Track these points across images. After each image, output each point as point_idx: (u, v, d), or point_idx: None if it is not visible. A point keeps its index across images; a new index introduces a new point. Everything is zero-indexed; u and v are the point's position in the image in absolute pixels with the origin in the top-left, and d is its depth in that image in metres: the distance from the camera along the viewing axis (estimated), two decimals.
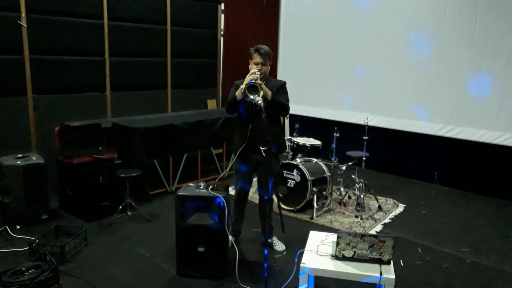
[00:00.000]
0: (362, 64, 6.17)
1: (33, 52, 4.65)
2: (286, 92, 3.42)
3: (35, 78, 4.70)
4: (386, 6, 5.84)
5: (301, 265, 2.50)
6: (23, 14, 4.51)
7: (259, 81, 3.03)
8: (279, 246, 3.67)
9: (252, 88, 2.98)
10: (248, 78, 3.09)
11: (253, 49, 3.30)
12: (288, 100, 3.38)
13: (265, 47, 3.28)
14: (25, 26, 4.53)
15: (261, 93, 2.95)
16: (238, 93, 3.17)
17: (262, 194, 3.58)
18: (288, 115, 7.22)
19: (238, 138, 3.35)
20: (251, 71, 3.17)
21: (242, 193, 3.58)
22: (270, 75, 3.42)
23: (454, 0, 5.22)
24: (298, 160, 4.55)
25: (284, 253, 3.62)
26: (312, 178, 4.38)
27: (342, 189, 5.03)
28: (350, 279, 2.47)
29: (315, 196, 4.42)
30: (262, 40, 6.44)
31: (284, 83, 3.43)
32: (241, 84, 3.18)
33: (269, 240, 3.61)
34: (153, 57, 5.90)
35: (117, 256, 3.48)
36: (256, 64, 3.26)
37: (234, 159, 3.38)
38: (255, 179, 3.70)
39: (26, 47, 4.59)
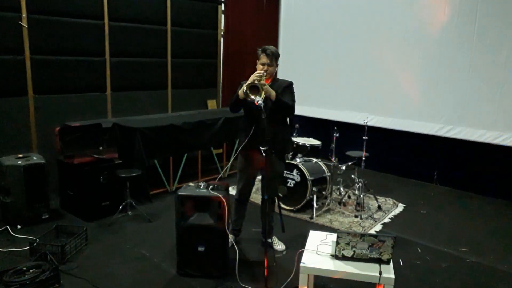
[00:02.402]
0: (361, 64, 6.18)
1: (34, 52, 4.66)
2: (293, 92, 3.43)
3: (36, 78, 4.71)
4: (385, 6, 5.85)
5: (301, 264, 2.51)
6: (24, 15, 4.52)
7: (262, 82, 3.04)
8: (279, 245, 3.68)
9: (254, 88, 2.99)
10: (252, 78, 3.11)
11: (260, 49, 3.32)
12: (294, 101, 3.38)
13: (272, 48, 3.30)
14: (26, 26, 4.54)
15: (263, 93, 2.96)
16: (240, 93, 3.19)
17: (261, 194, 3.58)
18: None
19: (243, 137, 3.37)
20: (256, 72, 3.19)
21: (244, 192, 3.60)
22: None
23: (454, 0, 5.23)
24: (298, 160, 4.56)
25: (284, 252, 3.63)
26: (312, 178, 4.39)
27: (341, 189, 5.04)
28: (350, 279, 2.48)
29: (315, 196, 4.43)
30: (262, 40, 6.46)
31: (290, 83, 3.44)
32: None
33: (269, 240, 3.62)
34: (153, 57, 5.91)
35: (118, 256, 3.50)
36: (263, 64, 3.28)
37: (234, 157, 3.40)
38: (257, 178, 3.71)
39: (27, 48, 4.60)
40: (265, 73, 3.18)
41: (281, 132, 3.38)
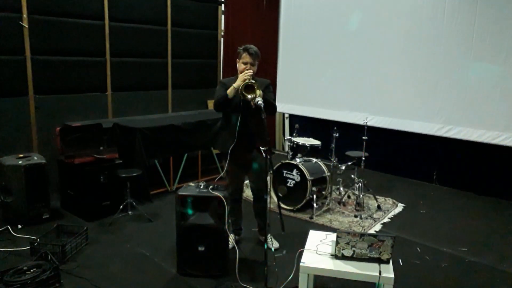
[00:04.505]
0: (361, 64, 6.19)
1: (35, 52, 4.67)
2: (272, 92, 3.45)
3: (37, 79, 4.73)
4: (385, 6, 5.85)
5: (301, 264, 2.52)
6: (25, 15, 4.53)
7: (253, 81, 3.04)
8: (274, 243, 3.68)
9: (249, 87, 3.00)
10: (242, 78, 3.11)
11: (241, 48, 3.31)
12: (274, 100, 3.40)
13: (254, 47, 3.29)
14: (27, 27, 4.56)
15: (258, 92, 2.97)
16: (230, 91, 3.18)
17: (255, 193, 3.60)
18: (287, 115, 7.26)
19: (227, 137, 3.36)
20: (246, 71, 3.18)
21: (236, 191, 3.61)
22: (269, 75, 3.44)
23: (453, 0, 5.24)
24: (298, 160, 4.57)
25: (284, 252, 3.63)
26: (312, 178, 4.40)
27: (341, 188, 5.05)
28: (350, 278, 2.49)
29: (314, 196, 4.44)
30: (262, 40, 6.48)
31: (269, 83, 3.45)
32: (230, 82, 3.20)
33: (263, 238, 3.63)
34: (153, 57, 5.92)
35: (118, 256, 3.51)
36: (245, 63, 3.27)
37: (228, 159, 3.38)
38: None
39: (28, 48, 4.61)
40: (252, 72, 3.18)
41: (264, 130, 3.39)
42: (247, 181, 3.86)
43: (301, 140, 4.81)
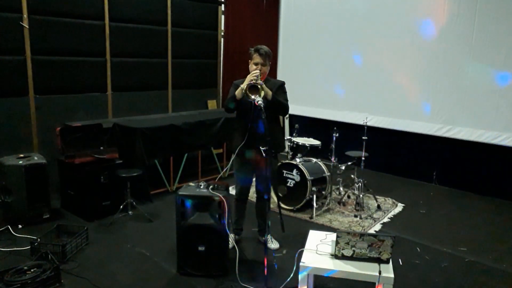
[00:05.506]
0: (361, 64, 6.19)
1: (35, 52, 4.68)
2: (285, 92, 3.46)
3: (37, 79, 4.73)
4: (385, 6, 5.86)
5: (301, 264, 2.52)
6: (25, 15, 4.53)
7: (259, 82, 3.06)
8: (274, 244, 3.69)
9: (253, 88, 3.01)
10: (249, 78, 3.12)
11: (253, 49, 3.32)
12: (287, 100, 3.42)
13: (265, 47, 3.31)
14: (27, 27, 4.56)
15: (262, 93, 2.98)
16: (238, 93, 3.20)
17: (260, 193, 3.61)
18: (287, 115, 7.26)
19: (238, 137, 3.38)
20: (252, 72, 3.20)
21: (243, 191, 3.62)
22: (269, 75, 3.45)
23: (453, 1, 5.25)
24: (298, 160, 4.57)
25: (284, 252, 3.64)
26: (312, 177, 4.41)
27: (341, 188, 5.06)
28: (349, 278, 2.50)
29: (314, 196, 4.44)
30: (262, 40, 6.46)
31: (283, 83, 3.46)
32: (241, 83, 3.21)
33: (263, 238, 3.63)
34: (154, 57, 5.92)
35: (118, 255, 3.51)
36: (256, 64, 3.29)
37: (234, 157, 3.41)
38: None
39: (28, 48, 4.62)
40: (260, 73, 3.19)
41: (274, 131, 3.39)
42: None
43: (301, 140, 4.81)
